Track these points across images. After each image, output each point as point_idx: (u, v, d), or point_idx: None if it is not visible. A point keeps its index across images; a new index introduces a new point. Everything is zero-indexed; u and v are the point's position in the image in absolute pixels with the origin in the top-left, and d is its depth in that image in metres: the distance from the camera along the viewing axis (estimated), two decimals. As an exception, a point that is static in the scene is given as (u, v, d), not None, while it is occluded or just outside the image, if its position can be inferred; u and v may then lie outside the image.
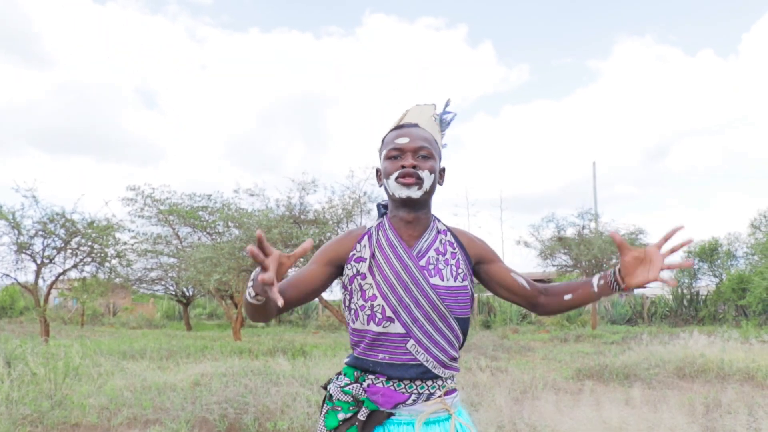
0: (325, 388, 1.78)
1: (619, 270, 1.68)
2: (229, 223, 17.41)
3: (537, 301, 1.84)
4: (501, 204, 47.12)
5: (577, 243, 20.49)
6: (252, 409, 5.48)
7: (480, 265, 1.83)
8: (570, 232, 21.44)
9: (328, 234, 14.19)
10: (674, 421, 4.91)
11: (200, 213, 18.73)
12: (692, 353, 9.31)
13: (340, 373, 1.76)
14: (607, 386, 7.74)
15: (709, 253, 24.38)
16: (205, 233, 19.18)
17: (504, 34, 62.22)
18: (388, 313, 1.65)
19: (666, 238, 1.61)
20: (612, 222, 21.84)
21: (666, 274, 1.59)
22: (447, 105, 1.90)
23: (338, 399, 1.68)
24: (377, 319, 1.66)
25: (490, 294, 33.11)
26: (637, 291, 36.73)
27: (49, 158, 63.74)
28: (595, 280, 1.75)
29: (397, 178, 1.69)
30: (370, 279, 1.70)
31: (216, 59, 64.39)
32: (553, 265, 22.03)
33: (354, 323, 1.72)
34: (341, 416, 1.67)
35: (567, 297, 1.79)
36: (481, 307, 26.50)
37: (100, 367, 8.13)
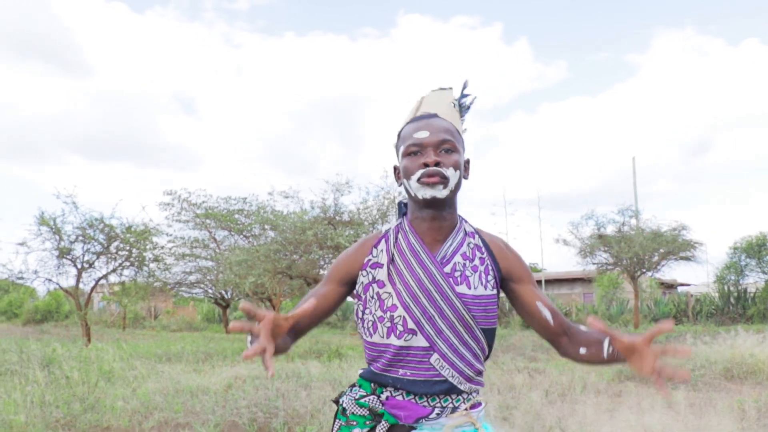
0: (336, 402, 1.61)
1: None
2: (265, 226, 17.47)
3: (559, 341, 1.62)
4: (539, 202, 46.68)
5: (617, 240, 20.02)
6: (282, 414, 5.40)
7: (508, 282, 1.64)
8: (610, 230, 20.97)
9: (363, 235, 14.11)
10: (722, 426, 4.65)
11: (236, 216, 18.86)
12: (740, 353, 8.93)
13: (353, 386, 1.60)
14: (649, 388, 7.46)
15: (756, 248, 23.66)
16: (241, 236, 19.31)
17: (540, 31, 61.74)
18: (410, 325, 1.50)
19: (653, 335, 1.30)
20: (653, 218, 21.32)
21: (665, 369, 1.29)
22: (465, 87, 1.71)
23: (353, 413, 1.53)
24: (398, 332, 1.51)
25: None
26: (681, 289, 35.85)
27: (90, 165, 65.40)
28: (605, 344, 1.48)
29: (420, 179, 1.52)
30: (389, 287, 1.54)
31: (252, 64, 65.23)
32: (593, 263, 21.56)
33: (371, 336, 1.55)
34: (356, 431, 1.52)
35: (582, 351, 1.55)
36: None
37: (135, 371, 8.17)
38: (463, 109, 1.70)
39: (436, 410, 1.50)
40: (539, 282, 36.71)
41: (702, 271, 62.79)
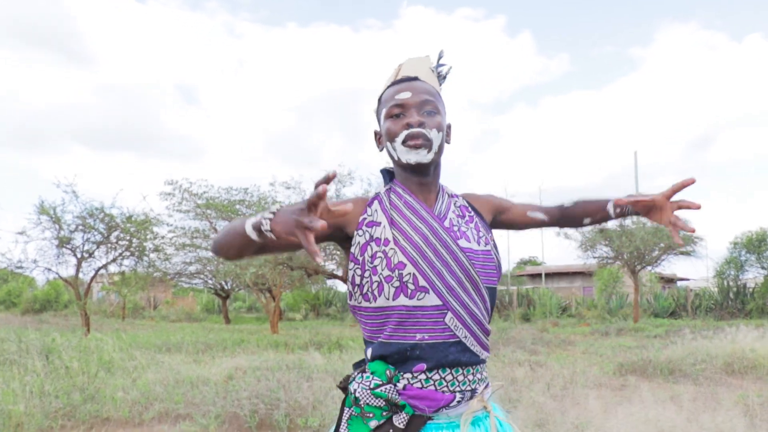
0: (343, 389, 1.50)
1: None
2: (266, 217, 17.38)
3: (558, 224, 1.81)
4: (540, 196, 46.61)
5: (618, 234, 20.02)
6: (283, 405, 5.37)
7: (497, 217, 1.73)
8: (611, 224, 20.95)
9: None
10: (732, 423, 4.62)
11: (237, 207, 18.78)
12: (741, 348, 8.92)
13: (363, 371, 1.45)
14: (651, 382, 7.45)
15: (756, 244, 23.63)
16: (242, 227, 19.21)
17: (543, 24, 61.62)
18: (422, 282, 1.41)
19: (675, 190, 1.51)
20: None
21: (678, 221, 1.54)
22: (441, 57, 1.68)
23: (368, 404, 1.40)
24: (409, 291, 1.41)
25: (529, 287, 32.73)
26: (680, 284, 35.86)
27: (93, 154, 65.41)
28: (610, 207, 1.66)
29: (404, 142, 1.48)
30: (392, 245, 1.44)
31: (255, 55, 65.11)
32: (594, 257, 21.57)
33: (375, 300, 1.44)
34: (374, 424, 1.39)
35: (586, 221, 1.74)
36: (521, 300, 26.16)
37: (134, 361, 8.14)
38: (440, 78, 1.67)
39: (457, 397, 1.43)
40: (539, 276, 36.75)
41: (702, 266, 62.99)
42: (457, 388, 1.43)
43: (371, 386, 1.41)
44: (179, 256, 20.30)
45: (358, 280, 1.47)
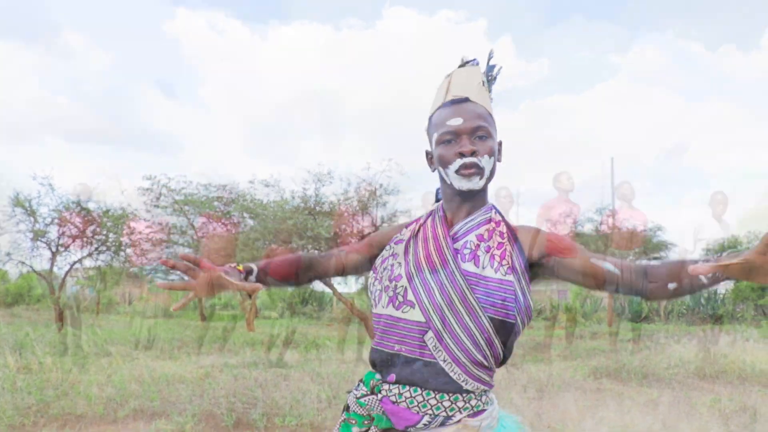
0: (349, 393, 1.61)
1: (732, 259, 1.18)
2: (244, 214, 17.31)
3: (636, 284, 1.40)
4: (517, 199, 46.98)
5: (594, 239, 20.21)
6: (260, 404, 5.36)
7: (550, 257, 1.50)
8: (587, 228, 21.14)
9: (343, 226, 14.06)
10: (707, 429, 4.70)
11: (216, 203, 18.64)
12: (713, 353, 9.08)
13: (361, 381, 1.56)
14: (626, 386, 7.54)
15: (728, 251, 24.02)
16: (219, 224, 19.10)
17: (523, 29, 62.01)
18: (410, 296, 1.46)
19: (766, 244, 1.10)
20: (630, 219, 21.50)
21: None
22: (491, 57, 1.68)
23: (354, 411, 1.52)
24: (397, 303, 1.48)
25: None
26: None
27: (68, 147, 64.42)
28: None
29: (458, 171, 1.50)
30: (401, 258, 1.55)
31: (235, 50, 64.64)
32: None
33: (376, 307, 1.55)
34: (355, 430, 1.51)
35: (671, 286, 1.35)
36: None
37: (109, 357, 8.06)
38: (490, 81, 1.66)
39: (426, 418, 1.41)
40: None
41: (674, 272, 63.85)
42: (428, 411, 1.42)
43: (358, 395, 1.52)
44: (156, 251, 20.11)
45: (370, 286, 1.60)
